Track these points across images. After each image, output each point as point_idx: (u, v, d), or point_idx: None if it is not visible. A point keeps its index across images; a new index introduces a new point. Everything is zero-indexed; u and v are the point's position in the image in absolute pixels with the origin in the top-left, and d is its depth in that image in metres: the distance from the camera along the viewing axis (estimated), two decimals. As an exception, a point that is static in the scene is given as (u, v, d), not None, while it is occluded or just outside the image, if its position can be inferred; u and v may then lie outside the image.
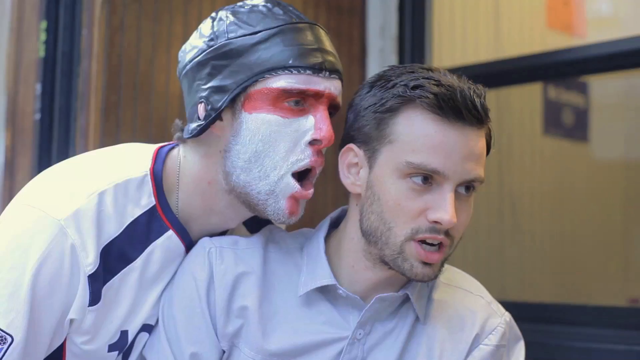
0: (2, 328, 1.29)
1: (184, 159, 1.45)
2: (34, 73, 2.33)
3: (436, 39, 2.96)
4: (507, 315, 1.46)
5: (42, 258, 1.30)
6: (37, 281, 1.30)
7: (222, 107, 1.37)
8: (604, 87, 3.75)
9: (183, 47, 1.47)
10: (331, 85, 1.39)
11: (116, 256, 1.37)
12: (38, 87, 2.30)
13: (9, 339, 1.29)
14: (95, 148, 2.15)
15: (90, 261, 1.33)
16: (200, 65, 1.40)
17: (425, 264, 1.31)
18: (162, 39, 2.31)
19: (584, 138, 3.83)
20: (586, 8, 3.82)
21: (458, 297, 1.45)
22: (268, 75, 1.35)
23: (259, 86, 1.36)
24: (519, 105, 3.51)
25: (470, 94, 1.28)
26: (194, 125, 1.41)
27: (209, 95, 1.38)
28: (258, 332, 1.38)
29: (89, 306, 1.35)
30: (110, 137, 2.18)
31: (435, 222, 1.28)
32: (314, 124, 1.37)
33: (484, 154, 1.33)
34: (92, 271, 1.33)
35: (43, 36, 2.30)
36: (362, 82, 1.41)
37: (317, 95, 1.38)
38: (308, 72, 1.36)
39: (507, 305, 1.52)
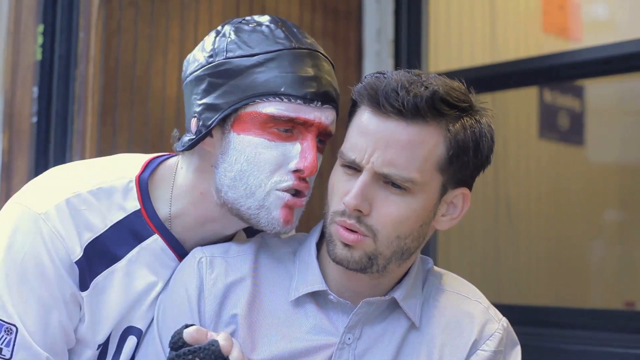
0: (4, 319, 1.34)
1: (180, 169, 1.48)
2: (31, 76, 2.33)
3: (432, 42, 2.97)
4: (505, 321, 1.46)
5: (17, 248, 1.35)
6: (12, 271, 1.34)
7: (212, 125, 1.39)
8: (599, 91, 3.76)
9: (187, 57, 1.49)
10: (322, 115, 1.39)
11: (101, 254, 1.40)
12: (35, 90, 2.30)
13: (14, 329, 1.33)
14: (92, 151, 2.16)
15: (74, 249, 1.37)
16: (198, 80, 1.41)
17: (345, 245, 1.32)
18: (159, 43, 2.32)
19: (580, 142, 3.83)
20: (582, 12, 3.82)
21: (456, 302, 1.45)
22: (259, 100, 1.37)
23: (249, 109, 1.37)
24: (514, 109, 3.52)
25: (400, 86, 1.27)
26: (186, 138, 1.44)
27: (202, 111, 1.40)
28: (247, 340, 1.38)
29: (80, 291, 1.38)
30: (106, 140, 2.18)
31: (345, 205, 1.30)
32: (300, 152, 1.38)
33: (414, 150, 1.29)
34: (77, 259, 1.37)
35: (40, 39, 2.30)
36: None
37: (306, 124, 1.39)
38: (299, 101, 1.36)
39: (503, 309, 1.52)
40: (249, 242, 1.47)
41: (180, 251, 1.47)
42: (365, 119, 1.31)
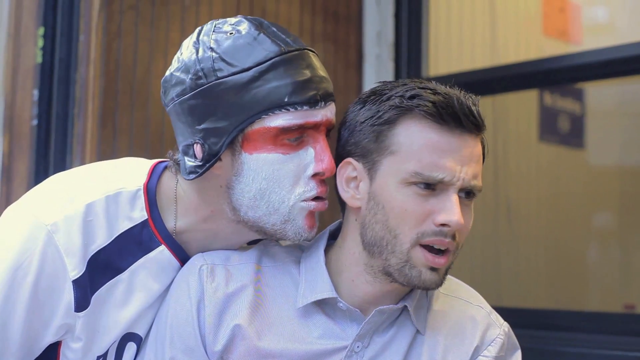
0: None
1: (180, 186, 1.44)
2: (31, 79, 2.33)
3: (432, 45, 2.97)
4: (506, 326, 1.47)
5: (24, 259, 1.33)
6: (16, 280, 1.33)
7: (222, 150, 1.35)
8: (599, 94, 3.76)
9: (167, 76, 1.42)
10: (327, 112, 1.38)
11: (103, 266, 1.37)
12: (35, 93, 2.31)
13: None
14: (92, 154, 2.16)
15: (75, 266, 1.34)
16: (191, 104, 1.36)
17: (432, 269, 1.32)
18: (159, 45, 2.32)
19: (580, 144, 3.83)
20: (582, 15, 3.83)
21: (458, 307, 1.46)
22: (265, 115, 1.33)
23: (257, 126, 1.33)
24: (515, 112, 3.52)
25: (466, 101, 1.31)
26: (191, 164, 1.38)
27: (205, 136, 1.35)
28: (252, 347, 1.37)
29: (75, 311, 1.35)
30: (107, 143, 2.18)
31: (443, 224, 1.30)
32: (314, 156, 1.37)
33: (481, 161, 1.36)
34: (77, 276, 1.34)
35: (40, 42, 2.30)
36: (359, 89, 1.42)
37: (315, 126, 1.37)
38: (305, 107, 1.34)
39: (503, 312, 1.52)
40: (251, 250, 1.46)
41: (184, 258, 1.45)
42: (435, 136, 1.31)
